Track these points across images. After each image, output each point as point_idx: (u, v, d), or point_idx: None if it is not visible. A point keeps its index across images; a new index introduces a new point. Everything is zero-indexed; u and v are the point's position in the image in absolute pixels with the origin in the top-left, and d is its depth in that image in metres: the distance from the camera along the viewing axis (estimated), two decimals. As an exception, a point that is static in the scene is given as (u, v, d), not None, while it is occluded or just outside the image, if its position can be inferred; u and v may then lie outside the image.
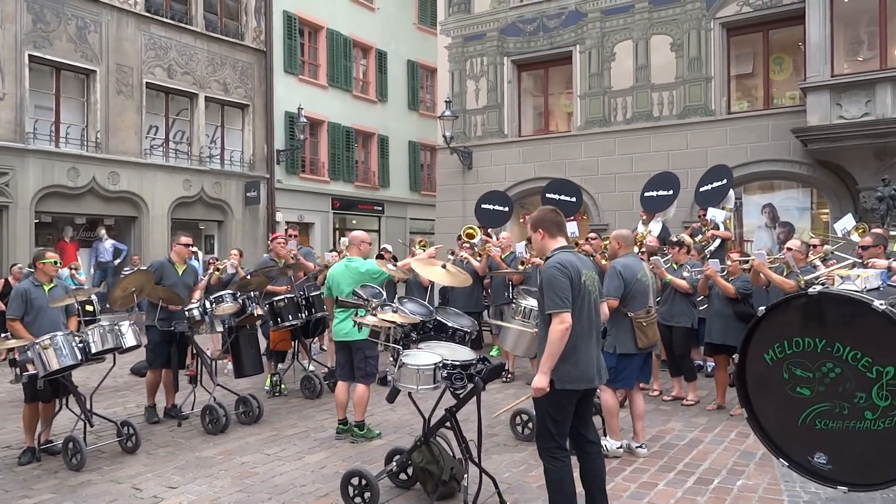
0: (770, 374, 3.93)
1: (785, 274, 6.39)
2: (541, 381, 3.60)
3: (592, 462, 3.89)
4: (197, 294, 6.97)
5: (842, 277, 4.52)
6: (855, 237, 7.87)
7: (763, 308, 4.06)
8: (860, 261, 5.88)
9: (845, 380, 3.63)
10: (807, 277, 5.95)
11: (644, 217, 10.72)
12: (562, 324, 3.55)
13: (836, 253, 7.84)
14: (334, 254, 9.63)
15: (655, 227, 10.16)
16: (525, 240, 10.81)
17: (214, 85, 17.41)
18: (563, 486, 3.68)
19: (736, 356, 4.15)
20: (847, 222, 8.55)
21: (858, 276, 4.15)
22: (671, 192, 11.13)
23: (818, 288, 4.13)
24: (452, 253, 9.45)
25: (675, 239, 7.95)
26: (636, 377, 5.60)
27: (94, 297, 7.97)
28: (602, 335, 4.29)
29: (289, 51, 19.18)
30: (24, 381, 5.39)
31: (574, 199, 12.60)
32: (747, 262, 6.67)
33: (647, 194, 11.37)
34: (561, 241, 3.86)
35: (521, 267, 8.67)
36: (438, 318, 4.70)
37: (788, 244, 6.57)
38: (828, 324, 3.76)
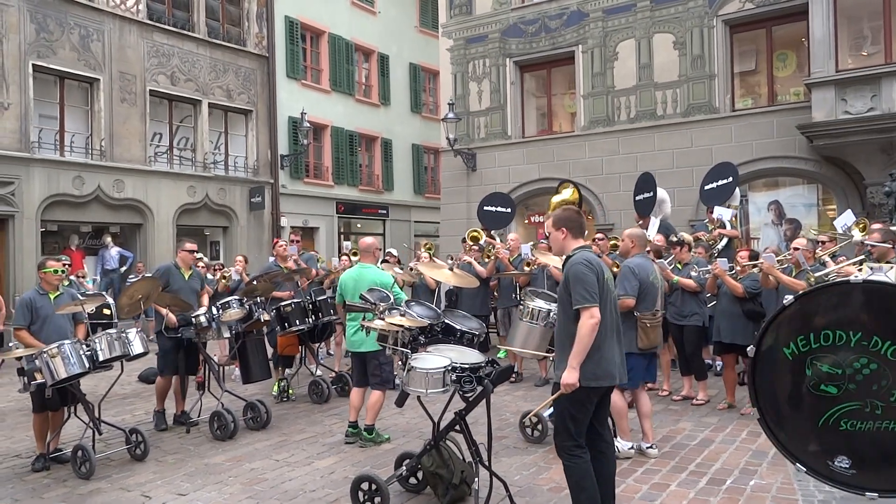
0: (789, 369, 3.63)
1: (794, 273, 6.35)
2: (571, 376, 3.60)
3: (606, 462, 3.87)
4: (205, 299, 6.98)
5: (871, 269, 4.25)
6: (856, 233, 7.79)
7: (790, 297, 3.71)
8: (871, 256, 5.82)
9: (881, 377, 3.35)
10: (817, 275, 5.90)
11: (640, 222, 10.61)
12: (591, 318, 3.59)
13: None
14: (344, 259, 9.63)
15: (653, 227, 10.08)
16: (530, 242, 10.77)
17: (217, 91, 17.43)
18: (585, 484, 3.67)
19: (751, 349, 3.79)
20: (847, 218, 8.47)
21: (893, 267, 3.98)
22: (650, 193, 11.02)
23: (861, 276, 3.77)
24: (452, 257, 9.40)
25: (675, 238, 7.92)
26: (641, 377, 5.58)
27: (111, 300, 7.97)
28: None
29: (291, 56, 19.21)
30: (33, 391, 5.38)
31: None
32: (756, 265, 6.63)
33: (637, 198, 11.24)
34: (581, 242, 3.93)
35: (526, 268, 8.64)
36: (446, 320, 4.68)
37: (794, 243, 6.53)
38: (867, 316, 3.45)
